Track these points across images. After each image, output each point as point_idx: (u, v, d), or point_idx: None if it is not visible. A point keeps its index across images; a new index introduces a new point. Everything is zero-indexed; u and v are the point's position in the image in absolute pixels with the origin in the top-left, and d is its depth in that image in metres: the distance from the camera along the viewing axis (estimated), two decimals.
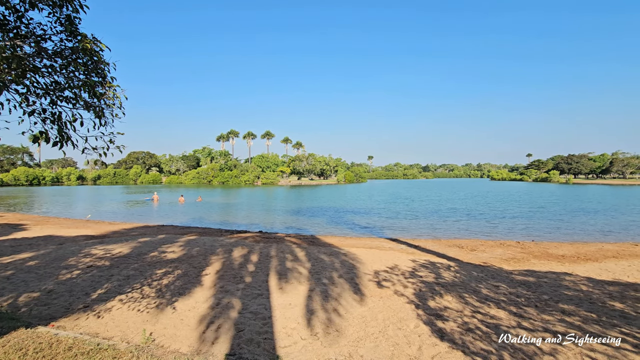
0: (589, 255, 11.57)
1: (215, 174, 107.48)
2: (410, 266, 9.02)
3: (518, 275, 8.44)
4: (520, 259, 11.08)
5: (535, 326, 5.07)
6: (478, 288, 7.11)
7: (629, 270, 9.21)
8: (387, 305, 6.05)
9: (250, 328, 5.01)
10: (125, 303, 5.96)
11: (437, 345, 4.50)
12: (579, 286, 7.42)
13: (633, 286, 7.47)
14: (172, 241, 12.28)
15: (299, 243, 12.83)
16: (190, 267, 8.56)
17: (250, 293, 6.61)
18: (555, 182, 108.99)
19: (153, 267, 8.43)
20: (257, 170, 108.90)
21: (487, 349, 4.34)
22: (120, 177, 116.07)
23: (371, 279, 7.67)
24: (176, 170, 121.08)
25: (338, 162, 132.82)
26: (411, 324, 5.22)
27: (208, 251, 10.51)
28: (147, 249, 10.67)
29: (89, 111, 4.06)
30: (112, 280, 7.31)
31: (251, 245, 11.85)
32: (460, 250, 12.63)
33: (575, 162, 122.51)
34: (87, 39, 3.66)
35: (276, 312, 5.68)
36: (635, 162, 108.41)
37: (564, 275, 8.57)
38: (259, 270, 8.33)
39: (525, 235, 17.11)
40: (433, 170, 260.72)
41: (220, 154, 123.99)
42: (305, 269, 8.50)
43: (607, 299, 6.44)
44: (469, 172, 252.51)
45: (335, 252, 10.81)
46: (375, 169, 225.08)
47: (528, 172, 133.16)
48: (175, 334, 4.82)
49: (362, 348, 4.46)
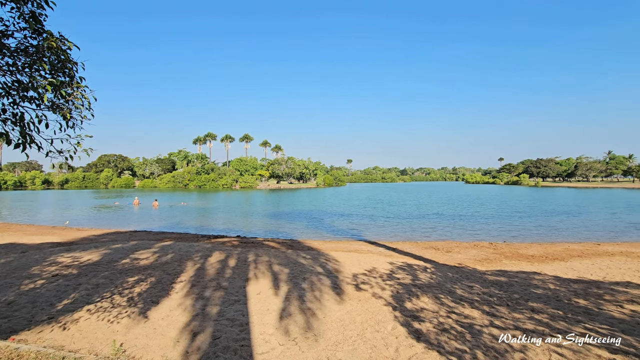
0: (556, 255, 12.14)
1: (191, 178, 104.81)
2: (388, 268, 9.14)
3: (491, 276, 8.73)
4: (492, 259, 11.47)
5: (507, 324, 5.25)
6: (453, 289, 7.29)
7: (592, 268, 9.73)
8: (365, 308, 6.09)
9: (227, 335, 4.89)
10: (93, 313, 5.69)
11: (414, 346, 4.57)
12: (547, 285, 7.77)
13: (595, 283, 7.90)
14: (146, 247, 11.86)
15: (277, 247, 12.71)
16: (164, 274, 8.29)
17: (227, 299, 6.47)
18: (525, 185, 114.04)
19: (124, 275, 8.10)
20: (235, 173, 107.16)
21: (461, 348, 4.45)
22: (89, 181, 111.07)
23: (350, 282, 7.70)
24: (150, 173, 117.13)
25: (317, 165, 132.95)
26: (389, 326, 5.27)
27: (183, 257, 10.22)
28: (118, 256, 10.24)
29: (55, 112, 3.87)
30: (80, 289, 6.96)
31: (229, 250, 11.63)
32: (436, 252, 12.92)
33: (544, 166, 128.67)
34: (53, 37, 3.49)
35: (254, 318, 5.59)
36: (597, 166, 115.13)
37: (533, 274, 8.94)
38: (236, 276, 8.18)
39: (498, 237, 17.76)
40: (410, 173, 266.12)
41: (197, 157, 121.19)
42: (283, 274, 8.42)
43: (573, 297, 6.78)
44: (444, 175, 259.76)
45: (315, 256, 10.79)
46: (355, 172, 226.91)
47: (500, 175, 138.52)
48: (147, 344, 4.64)
49: (340, 352, 4.46)
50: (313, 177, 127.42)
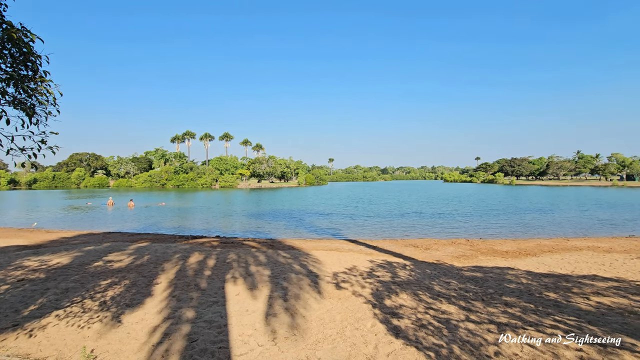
0: (529, 250, 12.61)
1: (169, 177, 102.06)
2: (368, 266, 9.22)
3: (467, 272, 8.96)
4: (469, 255, 11.78)
5: (482, 319, 5.40)
6: (431, 285, 7.44)
7: (561, 263, 10.17)
8: (345, 306, 6.11)
9: (205, 337, 4.79)
10: (62, 319, 5.43)
11: (393, 342, 4.62)
12: (520, 279, 8.05)
13: (564, 277, 8.26)
14: (120, 249, 11.46)
15: (258, 247, 12.58)
16: (139, 276, 8.03)
17: (206, 301, 6.34)
18: (501, 183, 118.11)
19: (97, 278, 7.79)
20: (215, 173, 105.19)
21: (438, 343, 4.53)
22: (60, 181, 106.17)
23: (330, 281, 7.72)
24: (126, 173, 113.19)
25: (299, 164, 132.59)
26: (368, 323, 5.31)
27: (160, 259, 9.94)
28: (90, 259, 9.84)
29: (17, 108, 3.65)
30: (48, 294, 6.63)
31: (208, 250, 11.40)
32: (415, 249, 13.15)
33: (518, 165, 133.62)
34: (13, 28, 3.28)
35: (232, 319, 5.50)
36: (567, 165, 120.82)
37: (507, 269, 9.25)
38: (215, 277, 8.03)
39: (474, 234, 18.28)
40: (391, 172, 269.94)
41: (175, 156, 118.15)
42: (264, 274, 8.34)
43: (543, 290, 7.05)
44: (424, 174, 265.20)
45: (295, 255, 10.75)
46: (336, 171, 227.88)
47: (477, 174, 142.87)
48: (120, 350, 4.47)
49: (319, 350, 4.45)
50: (294, 176, 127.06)
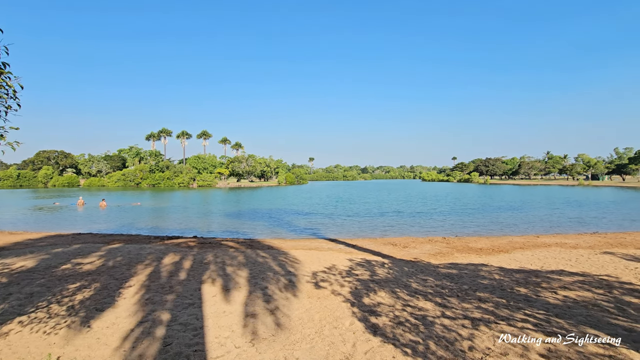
0: (502, 247, 13.08)
1: (144, 176, 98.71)
2: (347, 265, 9.26)
3: (443, 269, 9.18)
4: (445, 253, 12.08)
5: (457, 314, 5.54)
6: (409, 283, 7.57)
7: (532, 259, 10.60)
8: (324, 305, 6.11)
9: (179, 341, 4.65)
10: (26, 325, 5.13)
11: (370, 340, 4.66)
12: (493, 275, 8.33)
13: (534, 273, 8.61)
14: (91, 251, 10.98)
15: (237, 247, 12.39)
16: (111, 279, 7.72)
17: (181, 303, 6.17)
18: (476, 182, 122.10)
19: (64, 282, 7.42)
20: (193, 171, 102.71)
21: (415, 340, 4.61)
22: (25, 180, 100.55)
23: (309, 280, 7.70)
24: (97, 171, 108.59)
25: (279, 163, 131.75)
26: (346, 322, 5.33)
27: (133, 260, 9.60)
28: (57, 261, 9.37)
29: None
30: (10, 299, 6.26)
31: (184, 251, 11.12)
32: (394, 247, 13.34)
33: (492, 164, 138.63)
34: None
35: (209, 321, 5.38)
36: (538, 165, 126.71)
37: (481, 266, 9.55)
38: (191, 278, 7.83)
39: (450, 232, 18.77)
40: (371, 171, 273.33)
41: (151, 154, 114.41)
42: (242, 274, 8.21)
43: (515, 285, 7.32)
44: (403, 173, 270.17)
45: (274, 255, 10.66)
46: (316, 170, 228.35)
47: (453, 173, 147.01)
48: (89, 356, 4.28)
49: (297, 350, 4.42)
50: (274, 175, 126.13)
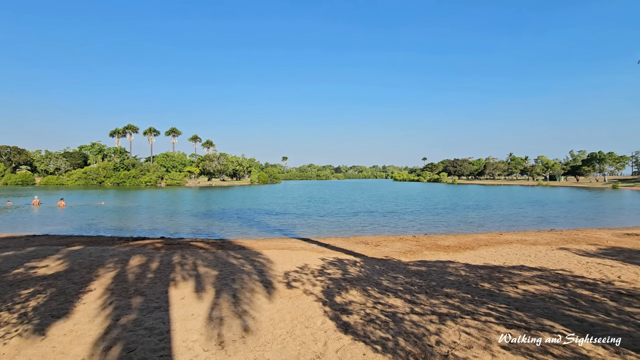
0: (468, 244, 13.62)
1: (108, 174, 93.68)
2: (319, 264, 9.28)
3: (413, 266, 9.42)
4: (415, 251, 12.41)
5: (425, 310, 5.69)
6: (380, 280, 7.69)
7: (495, 255, 11.12)
8: (296, 305, 6.07)
9: (144, 346, 4.45)
10: None
11: (342, 338, 4.68)
12: (459, 272, 8.65)
13: (497, 268, 9.03)
14: (47, 254, 10.28)
15: (206, 248, 12.06)
16: (69, 283, 7.25)
17: (146, 307, 5.90)
18: (445, 182, 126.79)
19: (16, 288, 6.89)
20: (161, 170, 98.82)
21: (385, 337, 4.68)
22: None
23: (281, 280, 7.63)
24: (56, 169, 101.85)
25: (252, 162, 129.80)
26: (318, 321, 5.33)
27: (95, 263, 9.09)
28: (8, 266, 8.69)
29: None
30: None
31: (150, 253, 10.67)
32: (366, 246, 13.53)
33: (459, 165, 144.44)
34: None
35: (176, 324, 5.18)
36: (501, 166, 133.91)
37: (448, 263, 9.89)
38: (158, 281, 7.52)
39: (420, 230, 19.32)
40: (344, 171, 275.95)
41: (115, 152, 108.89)
42: (212, 275, 8.00)
43: (479, 281, 7.64)
44: (375, 173, 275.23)
45: (246, 255, 10.48)
46: (290, 169, 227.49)
47: (424, 174, 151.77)
48: None
49: (268, 352, 4.36)
50: (247, 174, 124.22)
